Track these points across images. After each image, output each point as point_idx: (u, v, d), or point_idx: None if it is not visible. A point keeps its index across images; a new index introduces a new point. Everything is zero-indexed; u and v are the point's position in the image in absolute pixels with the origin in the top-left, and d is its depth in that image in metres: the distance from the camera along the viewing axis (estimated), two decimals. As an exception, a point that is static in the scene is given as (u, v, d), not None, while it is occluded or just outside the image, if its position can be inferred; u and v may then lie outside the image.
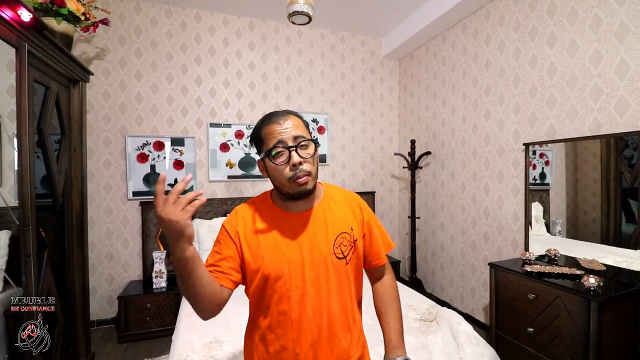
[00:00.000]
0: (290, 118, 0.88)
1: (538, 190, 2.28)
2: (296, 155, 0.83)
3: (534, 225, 2.33)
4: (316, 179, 0.89)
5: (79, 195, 2.22)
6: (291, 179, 0.84)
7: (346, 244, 0.91)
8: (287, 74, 3.34)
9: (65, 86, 2.08)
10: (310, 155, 0.86)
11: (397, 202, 3.86)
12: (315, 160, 0.89)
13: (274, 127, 0.85)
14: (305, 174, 0.84)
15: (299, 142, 0.84)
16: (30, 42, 1.57)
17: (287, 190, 0.86)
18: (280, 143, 0.84)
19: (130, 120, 2.89)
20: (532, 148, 2.24)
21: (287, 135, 0.84)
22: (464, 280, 2.88)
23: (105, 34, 2.79)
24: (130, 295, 2.61)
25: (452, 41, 2.93)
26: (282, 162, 0.84)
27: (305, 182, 0.84)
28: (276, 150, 0.84)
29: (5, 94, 1.75)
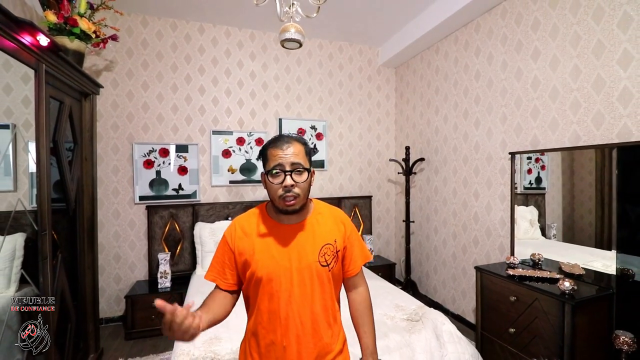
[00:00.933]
0: (293, 145, 1.01)
1: (534, 194, 2.36)
2: (289, 179, 0.97)
3: (528, 228, 2.42)
4: (304, 200, 1.03)
5: (90, 200, 2.38)
6: (281, 197, 0.98)
7: (330, 253, 1.05)
8: (286, 83, 3.47)
9: (77, 99, 2.23)
10: (303, 181, 1.00)
11: (394, 206, 3.97)
12: (307, 187, 1.02)
13: (277, 151, 0.99)
14: (294, 196, 0.98)
15: (294, 168, 0.99)
16: (47, 63, 1.72)
17: (277, 205, 1.01)
18: (279, 166, 0.98)
19: (137, 128, 3.05)
20: (519, 156, 2.34)
21: (286, 160, 0.98)
22: (455, 282, 2.98)
23: (114, 47, 2.94)
24: (137, 295, 2.76)
25: (445, 52, 3.03)
26: (277, 182, 0.98)
27: (293, 204, 0.99)
28: (275, 171, 0.98)
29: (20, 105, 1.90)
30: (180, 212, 3.14)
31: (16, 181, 1.96)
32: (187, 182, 3.19)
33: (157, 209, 3.07)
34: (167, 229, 3.09)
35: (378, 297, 2.34)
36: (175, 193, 3.16)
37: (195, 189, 3.21)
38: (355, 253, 1.14)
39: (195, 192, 3.21)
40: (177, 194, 3.16)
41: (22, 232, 1.94)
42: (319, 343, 1.02)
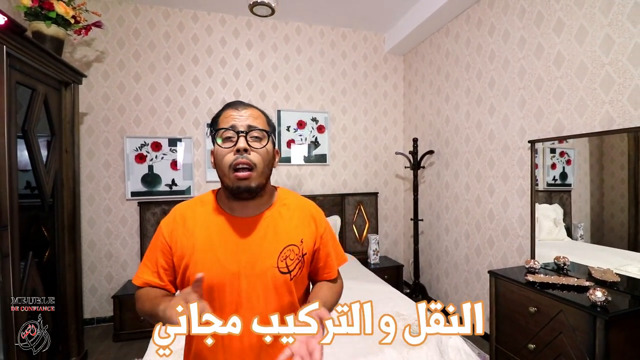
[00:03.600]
0: (251, 109, 0.82)
1: (558, 191, 2.09)
2: (243, 141, 0.77)
3: (552, 228, 2.14)
4: (263, 178, 0.81)
5: (71, 195, 2.25)
6: (231, 166, 0.76)
7: (293, 257, 0.83)
8: (285, 73, 3.27)
9: (55, 88, 2.11)
10: (261, 147, 0.79)
11: (402, 204, 3.70)
12: (267, 157, 0.81)
13: (231, 111, 0.80)
14: (248, 164, 0.77)
15: (250, 129, 0.78)
16: (8, 45, 1.58)
17: (227, 182, 0.79)
18: (232, 128, 0.78)
19: (129, 121, 2.93)
20: (541, 146, 2.04)
21: (241, 122, 0.78)
22: (468, 287, 2.69)
23: (104, 37, 2.83)
24: (126, 294, 2.63)
25: (456, 33, 2.75)
26: (227, 147, 0.77)
27: (246, 178, 0.77)
28: (225, 135, 0.78)
29: None
30: (173, 209, 2.99)
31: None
32: (180, 177, 3.04)
33: (149, 206, 2.94)
34: (159, 227, 2.96)
35: (379, 304, 2.11)
36: (168, 189, 3.02)
37: (189, 184, 3.06)
38: (331, 256, 0.92)
39: (190, 187, 3.06)
40: (171, 189, 3.02)
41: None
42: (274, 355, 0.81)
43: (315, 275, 0.94)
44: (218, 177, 0.82)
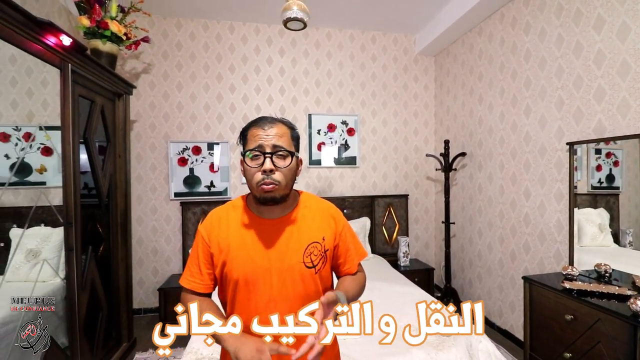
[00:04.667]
0: (277, 126, 0.89)
1: (604, 194, 1.99)
2: (269, 162, 0.85)
3: (596, 234, 2.04)
4: (287, 189, 0.89)
5: (123, 195, 2.49)
6: (259, 183, 0.85)
7: (316, 253, 0.91)
8: (316, 78, 3.36)
9: (110, 99, 2.35)
10: (285, 166, 0.87)
11: (434, 206, 3.65)
12: (290, 173, 0.89)
13: (258, 131, 0.87)
14: (273, 182, 0.85)
15: (275, 150, 0.86)
16: (73, 63, 1.80)
17: (255, 193, 0.88)
18: (259, 147, 0.86)
19: (172, 127, 3.16)
20: (582, 148, 1.96)
21: (267, 142, 0.86)
22: (502, 293, 2.62)
23: (151, 50, 3.08)
24: (169, 287, 2.84)
25: (489, 32, 2.69)
26: (255, 166, 0.86)
27: (271, 190, 0.85)
28: (253, 153, 0.86)
29: (40, 108, 2.01)
30: (211, 209, 3.14)
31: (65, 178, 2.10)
32: (218, 179, 3.23)
33: (190, 206, 3.15)
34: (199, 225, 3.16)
35: (406, 306, 2.12)
36: (207, 190, 3.22)
37: (226, 185, 3.24)
38: (351, 251, 1.00)
39: (227, 189, 3.24)
40: (209, 190, 3.22)
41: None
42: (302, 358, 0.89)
43: (337, 271, 1.02)
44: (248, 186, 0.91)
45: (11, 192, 1.85)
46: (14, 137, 1.91)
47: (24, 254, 1.92)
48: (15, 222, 1.86)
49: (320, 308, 0.78)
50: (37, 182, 1.98)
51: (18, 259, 1.89)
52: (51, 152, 2.02)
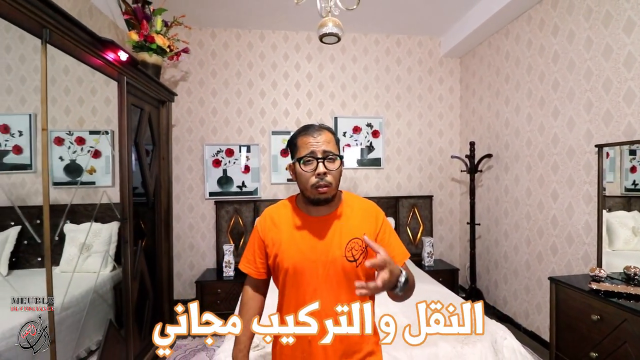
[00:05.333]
0: (324, 133, 1.00)
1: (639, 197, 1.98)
2: (322, 166, 0.96)
3: (629, 238, 2.03)
4: (336, 190, 1.01)
5: (166, 194, 2.71)
6: (314, 185, 0.97)
7: (357, 248, 1.01)
8: (342, 82, 3.48)
9: (155, 107, 2.57)
10: (335, 169, 0.99)
11: (458, 207, 3.67)
12: (338, 174, 1.01)
13: (309, 139, 0.98)
14: (327, 184, 0.97)
15: (326, 155, 0.97)
16: (128, 76, 2.02)
17: (309, 195, 1.00)
18: (311, 154, 0.97)
19: (207, 131, 3.38)
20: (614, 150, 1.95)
21: (319, 148, 0.97)
22: (529, 294, 2.63)
23: (188, 59, 3.31)
24: (205, 281, 3.06)
25: (516, 34, 2.70)
26: (309, 170, 0.97)
27: (325, 192, 0.97)
28: (306, 159, 0.98)
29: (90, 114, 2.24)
30: (243, 208, 3.37)
31: (113, 178, 2.35)
32: (249, 179, 3.42)
33: (224, 204, 3.36)
34: (232, 223, 3.36)
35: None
36: (239, 190, 3.41)
37: (256, 186, 3.42)
38: (393, 247, 1.07)
39: (257, 189, 3.42)
40: (241, 190, 3.41)
41: (117, 221, 2.31)
42: (345, 340, 0.99)
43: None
44: (299, 189, 1.03)
45: (65, 190, 2.09)
46: (67, 141, 2.15)
47: (76, 247, 2.17)
48: (68, 218, 2.10)
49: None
50: (88, 182, 2.22)
51: (72, 252, 2.12)
52: (99, 155, 2.26)
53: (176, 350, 2.52)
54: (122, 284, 2.08)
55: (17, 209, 1.60)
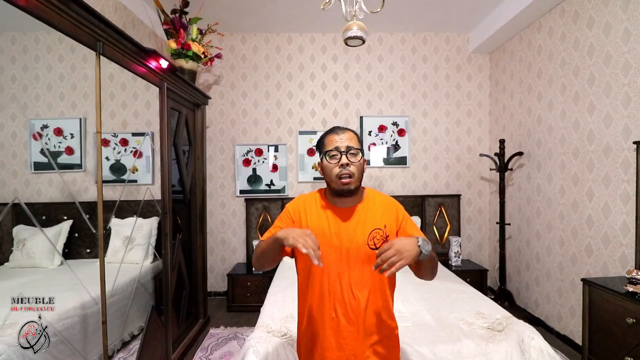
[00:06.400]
0: (347, 133, 1.12)
1: None
2: (345, 158, 1.07)
3: None
4: (358, 182, 1.10)
5: (201, 192, 2.89)
6: (338, 176, 1.07)
7: (379, 237, 1.09)
8: (367, 81, 3.51)
9: (191, 109, 2.75)
10: (357, 161, 1.09)
11: (488, 207, 3.59)
12: (360, 167, 1.10)
13: (334, 136, 1.11)
14: (349, 174, 1.06)
15: (349, 149, 1.08)
16: (168, 82, 2.19)
17: (334, 186, 1.10)
18: (336, 149, 1.09)
19: (238, 131, 3.54)
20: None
21: (342, 144, 1.09)
22: (562, 297, 2.54)
23: (220, 63, 3.49)
24: (236, 274, 3.21)
25: (549, 27, 2.61)
26: (334, 162, 1.08)
27: (348, 183, 1.07)
28: (331, 154, 1.09)
29: (156, 116, 2.43)
30: (271, 205, 3.51)
31: (153, 176, 2.54)
32: (277, 178, 3.54)
33: (253, 202, 3.51)
34: (260, 219, 3.50)
35: (457, 301, 2.20)
36: (267, 188, 3.55)
37: (284, 184, 3.54)
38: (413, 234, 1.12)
39: (284, 187, 3.54)
40: (269, 188, 3.55)
41: (156, 216, 2.51)
42: (366, 321, 1.07)
43: None
44: (325, 182, 1.13)
45: (110, 188, 2.30)
46: (112, 142, 2.36)
47: (120, 240, 2.37)
48: (114, 214, 2.30)
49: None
50: (131, 180, 2.42)
51: (117, 244, 2.33)
52: (141, 155, 2.46)
53: (209, 338, 2.68)
54: (162, 274, 2.26)
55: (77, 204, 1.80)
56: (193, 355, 2.44)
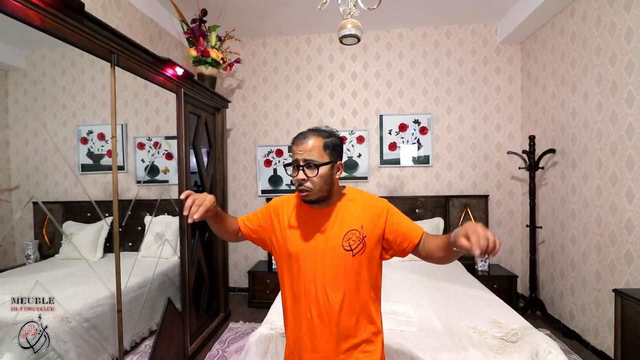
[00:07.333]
0: (309, 141, 1.07)
1: None
2: (301, 174, 1.05)
3: None
4: (320, 193, 1.07)
5: (221, 192, 3.02)
6: (297, 188, 1.08)
7: (354, 239, 1.07)
8: (387, 79, 3.44)
9: (211, 113, 2.88)
10: (314, 176, 1.04)
11: (520, 208, 3.34)
12: (320, 180, 1.05)
13: (295, 147, 1.09)
14: (306, 189, 1.05)
15: (306, 163, 1.05)
16: (185, 87, 2.32)
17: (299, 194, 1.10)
18: (295, 161, 1.07)
19: (259, 133, 3.65)
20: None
21: (300, 156, 1.06)
22: (599, 309, 2.29)
23: (243, 68, 3.61)
24: (257, 271, 3.32)
25: (583, 12, 2.37)
26: (294, 176, 1.07)
27: (306, 196, 1.06)
28: (290, 167, 1.09)
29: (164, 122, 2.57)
30: (291, 205, 3.56)
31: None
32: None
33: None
34: (281, 219, 3.57)
35: (473, 308, 2.08)
36: (287, 188, 3.61)
37: (303, 184, 3.57)
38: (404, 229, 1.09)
39: (304, 187, 3.57)
40: (289, 188, 3.61)
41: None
42: (340, 324, 1.06)
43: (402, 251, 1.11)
44: None
45: (145, 188, 2.48)
46: (147, 145, 2.54)
47: (153, 236, 2.55)
48: (148, 211, 2.48)
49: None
50: (163, 180, 2.60)
51: (149, 240, 2.51)
52: (172, 157, 2.62)
53: (228, 332, 2.80)
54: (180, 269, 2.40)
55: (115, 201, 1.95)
56: (211, 347, 2.56)
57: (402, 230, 1.10)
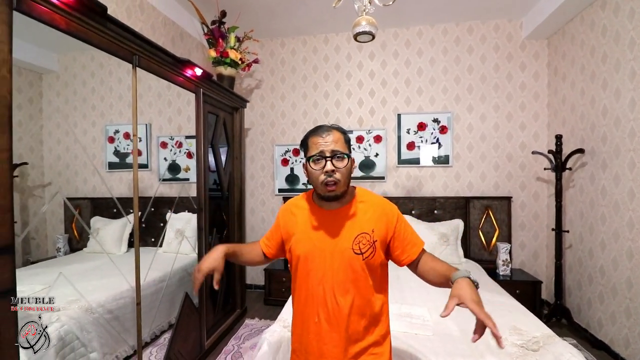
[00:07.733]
0: (332, 133, 1.06)
1: None
2: (330, 164, 1.02)
3: None
4: (345, 187, 1.06)
5: (239, 190, 3.07)
6: (323, 182, 1.03)
7: (365, 242, 1.05)
8: (406, 77, 3.38)
9: (229, 113, 2.93)
10: (343, 167, 1.03)
11: (545, 211, 3.19)
12: (347, 172, 1.05)
13: (318, 139, 1.06)
14: (334, 181, 1.02)
15: (334, 154, 1.03)
16: (203, 88, 2.37)
17: (319, 191, 1.07)
18: (320, 153, 1.04)
19: (277, 133, 3.68)
20: None
21: (327, 147, 1.04)
22: (630, 319, 2.16)
23: (261, 68, 3.66)
24: (273, 269, 3.35)
25: (615, 4, 2.23)
26: (318, 168, 1.04)
27: (333, 189, 1.03)
28: (315, 158, 1.05)
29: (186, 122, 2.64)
30: (307, 204, 3.57)
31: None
32: (313, 177, 3.59)
33: (290, 200, 3.60)
34: (297, 218, 3.59)
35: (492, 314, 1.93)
36: (304, 187, 3.62)
37: (320, 184, 3.58)
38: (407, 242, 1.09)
39: (321, 186, 3.58)
40: (306, 187, 3.62)
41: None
42: (349, 328, 1.04)
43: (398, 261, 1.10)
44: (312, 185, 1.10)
45: (167, 185, 2.56)
46: (169, 144, 2.63)
47: (173, 232, 2.63)
48: (169, 208, 2.56)
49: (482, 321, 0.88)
50: (184, 178, 2.67)
51: (170, 236, 2.59)
52: (192, 156, 2.69)
53: (244, 328, 2.84)
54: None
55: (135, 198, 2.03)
56: (227, 342, 2.61)
57: (404, 242, 1.09)
